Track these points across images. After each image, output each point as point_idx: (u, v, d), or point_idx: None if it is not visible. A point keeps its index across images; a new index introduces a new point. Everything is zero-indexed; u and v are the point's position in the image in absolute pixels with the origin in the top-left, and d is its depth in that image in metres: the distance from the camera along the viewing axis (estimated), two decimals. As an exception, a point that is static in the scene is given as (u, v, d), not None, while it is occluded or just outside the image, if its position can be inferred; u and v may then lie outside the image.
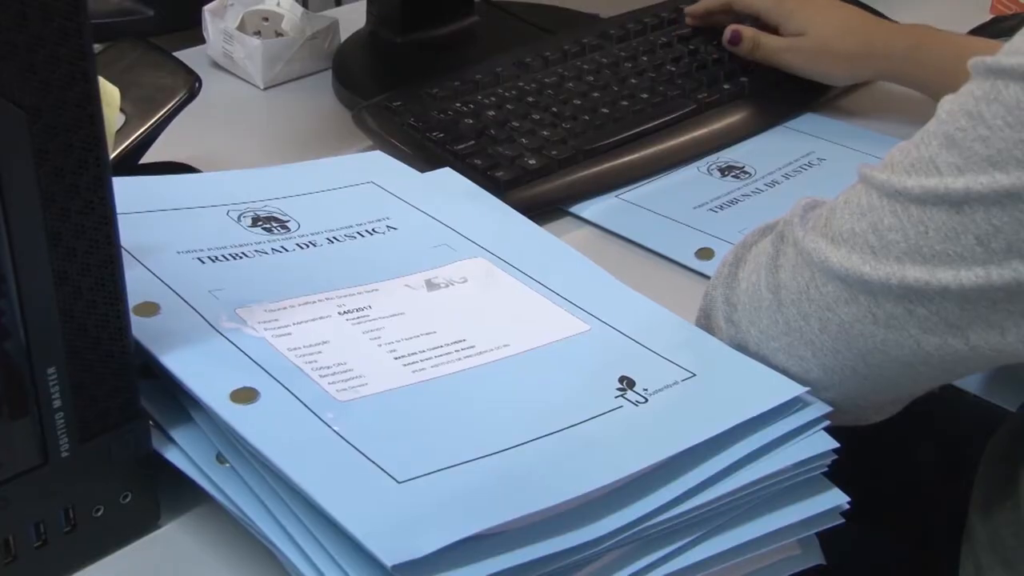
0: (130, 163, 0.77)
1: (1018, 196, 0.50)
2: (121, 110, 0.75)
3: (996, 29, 0.99)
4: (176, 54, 0.90)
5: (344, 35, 1.07)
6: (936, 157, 0.53)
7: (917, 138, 0.55)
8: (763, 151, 0.92)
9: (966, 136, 0.52)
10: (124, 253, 0.52)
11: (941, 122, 0.54)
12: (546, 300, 0.67)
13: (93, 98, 0.48)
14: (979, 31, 1.02)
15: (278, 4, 1.05)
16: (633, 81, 0.95)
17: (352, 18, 1.09)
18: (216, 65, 1.04)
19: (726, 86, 0.95)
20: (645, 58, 0.99)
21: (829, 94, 0.98)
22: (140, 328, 0.57)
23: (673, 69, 0.97)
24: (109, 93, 0.67)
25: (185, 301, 0.61)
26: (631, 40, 1.01)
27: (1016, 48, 0.52)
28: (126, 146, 0.75)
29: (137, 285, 0.59)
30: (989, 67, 0.52)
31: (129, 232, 0.54)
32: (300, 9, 1.05)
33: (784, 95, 0.97)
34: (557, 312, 0.66)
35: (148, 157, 0.81)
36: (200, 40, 1.05)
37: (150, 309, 0.60)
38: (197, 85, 0.78)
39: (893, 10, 1.08)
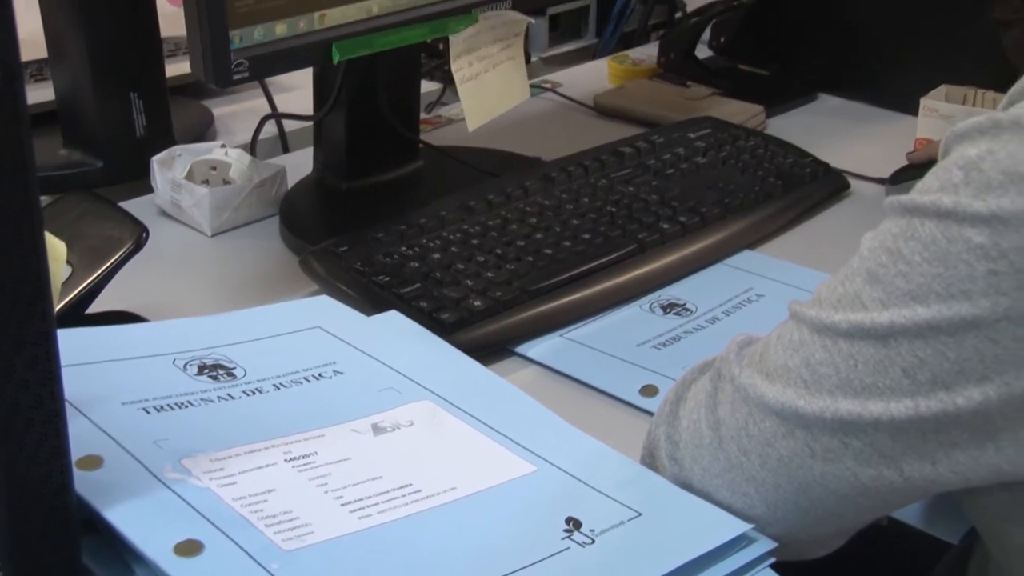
0: (76, 314, 0.77)
1: (939, 329, 0.52)
2: (68, 262, 0.75)
3: (915, 173, 1.03)
4: (124, 204, 0.91)
5: (291, 182, 1.08)
6: (861, 292, 0.55)
7: (842, 274, 0.57)
8: (703, 288, 0.94)
9: (887, 272, 0.54)
10: (68, 405, 0.52)
11: (864, 259, 0.56)
12: (492, 441, 0.67)
13: (39, 254, 0.49)
14: (902, 173, 1.06)
15: (226, 153, 1.07)
16: (575, 222, 0.97)
17: (299, 165, 1.11)
18: (164, 214, 1.05)
19: (665, 226, 0.97)
20: (586, 200, 1.01)
21: (764, 232, 1.01)
22: (83, 482, 0.56)
23: (614, 210, 1.00)
24: (55, 247, 0.67)
25: (129, 453, 0.61)
26: (572, 183, 1.04)
27: (928, 187, 0.54)
28: (72, 298, 0.76)
29: (81, 437, 0.59)
30: (904, 206, 0.55)
31: (74, 384, 0.54)
32: (248, 157, 1.07)
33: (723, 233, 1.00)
34: (503, 453, 0.66)
35: (96, 306, 0.81)
36: (149, 189, 1.06)
37: (93, 462, 0.60)
38: (144, 236, 0.79)
39: (823, 150, 1.13)
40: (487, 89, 1.04)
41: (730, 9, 1.35)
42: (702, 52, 1.37)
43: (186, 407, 0.67)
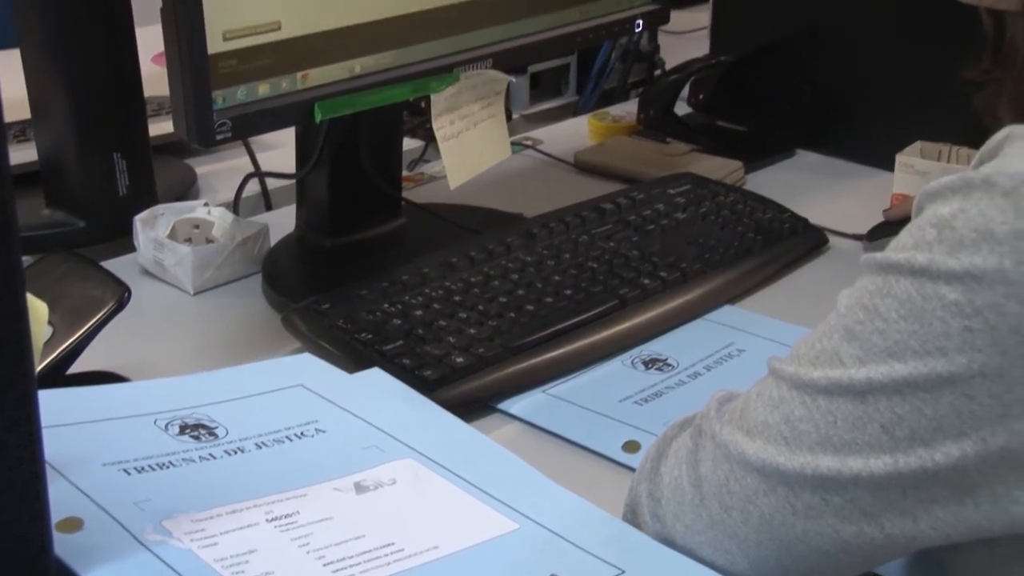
0: (57, 374, 0.77)
1: (916, 385, 0.53)
2: (49, 322, 0.75)
3: (891, 230, 1.04)
4: (107, 263, 0.91)
5: (274, 239, 1.09)
6: (839, 349, 0.56)
7: (820, 331, 0.58)
8: (685, 343, 0.94)
9: (864, 329, 0.55)
10: (48, 467, 0.52)
11: (841, 316, 0.57)
12: (474, 499, 0.67)
13: (20, 316, 0.49)
14: (878, 229, 1.07)
15: (209, 212, 1.07)
16: (557, 278, 0.98)
17: (282, 223, 1.11)
18: (147, 272, 1.05)
19: (646, 281, 0.98)
20: (567, 256, 1.02)
21: (744, 287, 1.02)
22: (62, 545, 0.56)
23: (595, 266, 1.00)
24: (37, 309, 0.67)
25: (109, 515, 0.61)
26: (553, 239, 1.04)
27: (902, 244, 0.55)
28: (53, 358, 0.76)
29: (61, 499, 0.59)
30: (880, 263, 0.56)
31: (54, 445, 0.54)
32: (230, 216, 1.08)
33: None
34: (486, 511, 0.66)
35: (77, 366, 0.81)
36: (131, 248, 1.06)
37: (73, 524, 0.59)
38: (126, 296, 0.79)
39: (801, 206, 1.14)
40: (469, 147, 1.05)
41: (708, 67, 1.37)
42: (681, 109, 1.38)
43: (167, 468, 0.67)
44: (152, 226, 1.05)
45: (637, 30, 1.21)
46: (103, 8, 1.08)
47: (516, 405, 0.85)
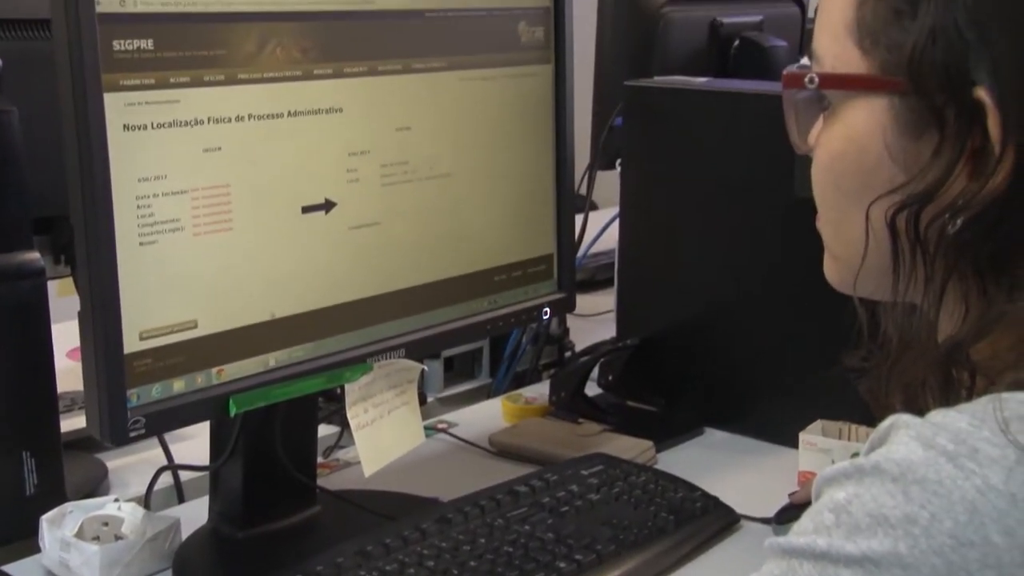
0: None
1: (827, 674, 0.53)
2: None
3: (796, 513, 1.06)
4: (9, 567, 0.89)
5: (186, 532, 1.07)
6: (750, 637, 0.57)
7: (732, 618, 0.59)
8: (603, 628, 0.93)
9: (773, 614, 0.56)
10: None
11: (750, 603, 0.58)
12: None
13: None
14: (785, 512, 1.09)
15: (119, 508, 1.05)
16: (472, 564, 0.97)
17: (195, 515, 1.10)
18: (52, 575, 1.02)
19: (561, 565, 0.98)
20: (483, 540, 1.02)
21: (658, 568, 1.02)
22: None
23: (511, 550, 1.00)
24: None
25: None
26: (469, 523, 1.04)
27: (803, 529, 0.57)
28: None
29: None
30: (783, 548, 0.57)
31: None
32: (141, 511, 1.06)
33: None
34: None
35: None
36: (38, 549, 1.03)
37: None
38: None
39: (711, 484, 1.16)
40: (383, 434, 1.07)
41: (616, 349, 1.42)
42: (592, 390, 1.42)
43: None
44: (59, 525, 1.03)
45: (544, 318, 1.26)
46: (19, 304, 1.09)
47: None
